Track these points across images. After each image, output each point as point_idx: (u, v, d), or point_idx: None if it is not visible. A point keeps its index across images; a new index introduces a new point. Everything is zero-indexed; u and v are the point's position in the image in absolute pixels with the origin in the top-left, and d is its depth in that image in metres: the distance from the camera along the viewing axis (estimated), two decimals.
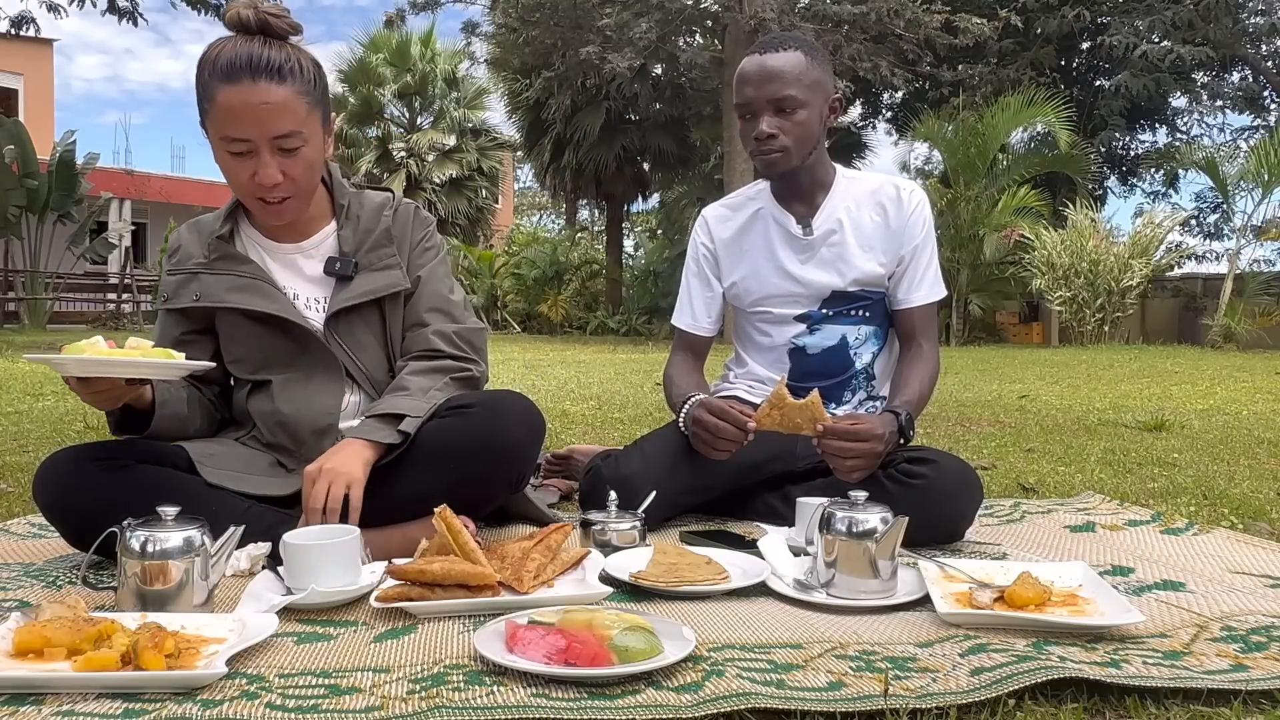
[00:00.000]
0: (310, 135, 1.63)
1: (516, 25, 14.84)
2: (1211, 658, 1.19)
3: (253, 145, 1.58)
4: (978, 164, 13.97)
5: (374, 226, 1.82)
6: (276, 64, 1.57)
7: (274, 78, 1.57)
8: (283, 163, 1.61)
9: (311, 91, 1.63)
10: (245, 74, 1.55)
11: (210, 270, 1.76)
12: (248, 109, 1.56)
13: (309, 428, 1.75)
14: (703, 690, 1.07)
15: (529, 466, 1.82)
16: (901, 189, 2.08)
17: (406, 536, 1.67)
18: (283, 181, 1.61)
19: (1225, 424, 4.14)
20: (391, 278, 1.81)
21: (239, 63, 1.56)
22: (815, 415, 1.76)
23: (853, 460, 1.77)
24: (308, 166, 1.65)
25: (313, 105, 1.63)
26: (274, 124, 1.57)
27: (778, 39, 1.99)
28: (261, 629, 1.22)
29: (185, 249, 1.81)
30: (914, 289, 2.06)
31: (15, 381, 5.78)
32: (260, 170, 1.59)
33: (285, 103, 1.58)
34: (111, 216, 17.95)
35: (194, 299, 1.76)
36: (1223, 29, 16.50)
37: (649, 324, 17.08)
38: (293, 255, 1.81)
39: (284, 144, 1.59)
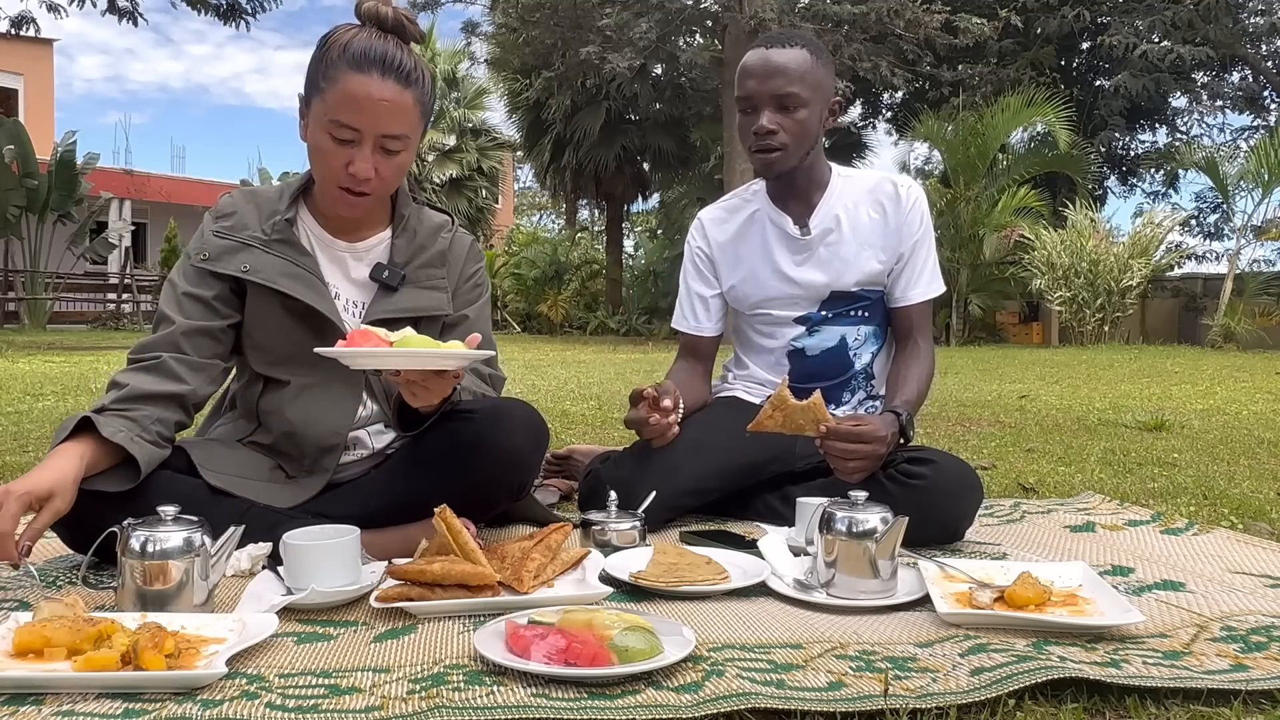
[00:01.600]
0: (411, 144, 1.64)
1: (516, 25, 14.85)
2: (1211, 658, 1.19)
3: (360, 136, 1.57)
4: (978, 164, 13.98)
5: (429, 245, 1.80)
6: (406, 68, 1.59)
7: (401, 80, 1.58)
8: (379, 161, 1.60)
9: (425, 102, 1.64)
10: (376, 67, 1.56)
11: (267, 249, 1.70)
12: (369, 101, 1.55)
13: (315, 444, 1.72)
14: (703, 690, 1.07)
15: (531, 474, 1.80)
16: (900, 185, 2.08)
17: (406, 537, 1.67)
18: (374, 179, 1.60)
19: (1225, 424, 4.14)
20: (436, 299, 1.78)
21: (373, 54, 1.56)
22: (818, 416, 1.76)
23: (855, 461, 1.77)
24: (399, 170, 1.65)
25: (423, 116, 1.65)
26: (389, 123, 1.57)
27: (784, 35, 1.97)
28: (261, 629, 1.22)
29: (241, 217, 1.73)
30: (912, 285, 2.06)
31: (15, 381, 5.78)
32: (358, 162, 1.58)
33: (405, 107, 1.59)
34: (111, 216, 17.96)
35: (243, 269, 1.68)
36: (1223, 29, 16.51)
37: (649, 324, 17.09)
38: (343, 254, 1.76)
39: (389, 145, 1.60)
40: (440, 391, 1.53)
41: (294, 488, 1.72)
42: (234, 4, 11.96)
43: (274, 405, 1.74)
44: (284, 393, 1.73)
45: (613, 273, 19.72)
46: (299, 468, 1.74)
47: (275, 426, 1.73)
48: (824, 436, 1.76)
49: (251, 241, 1.71)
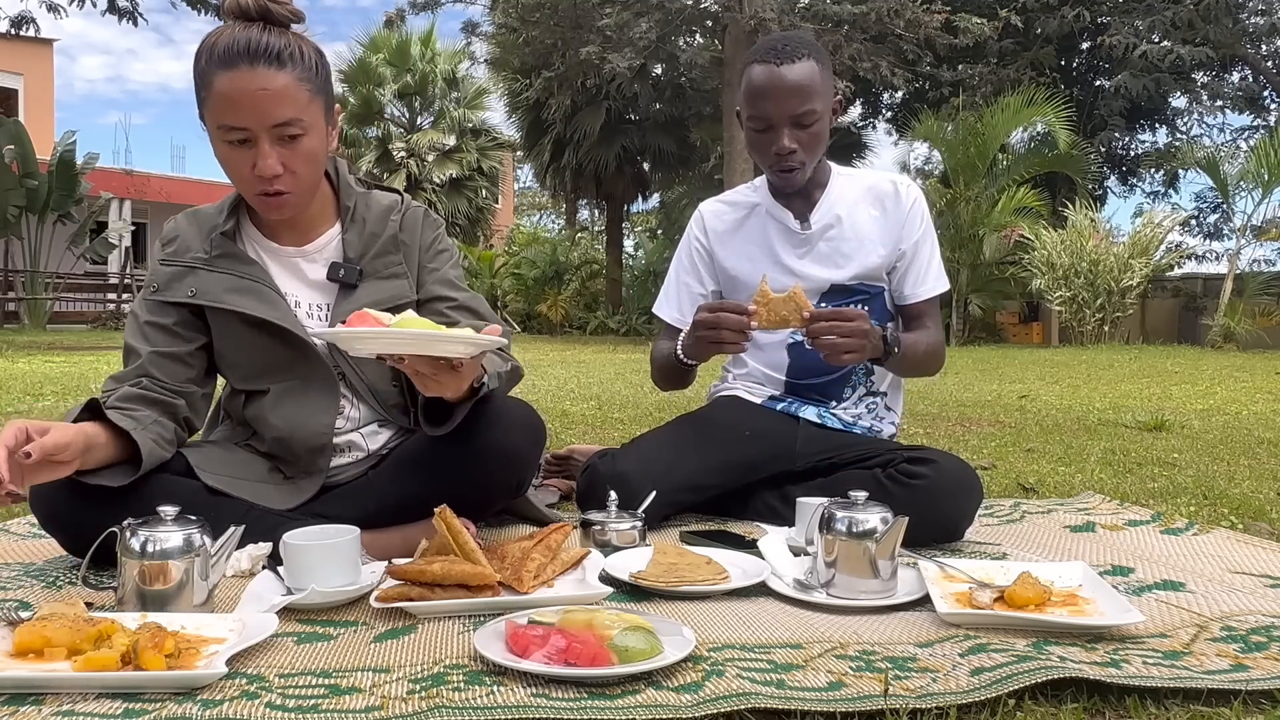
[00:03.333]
0: (311, 125, 1.56)
1: (516, 25, 14.84)
2: (1211, 658, 1.19)
3: (251, 134, 1.52)
4: (978, 164, 13.98)
5: (381, 231, 1.74)
6: (275, 50, 1.51)
7: (273, 63, 1.50)
8: (283, 153, 1.54)
9: (313, 79, 1.56)
10: (243, 59, 1.49)
11: (210, 267, 1.68)
12: (245, 96, 1.49)
13: (303, 445, 1.71)
14: (703, 690, 1.07)
15: (529, 473, 1.80)
16: (899, 184, 2.09)
17: (406, 537, 1.67)
18: (283, 173, 1.55)
19: (1225, 424, 4.14)
20: (398, 288, 1.74)
21: (236, 48, 1.50)
22: (799, 304, 1.75)
23: (844, 339, 1.75)
24: (309, 158, 1.58)
25: (314, 93, 1.56)
26: (273, 111, 1.50)
27: (788, 46, 1.93)
28: (261, 629, 1.22)
29: (183, 240, 1.71)
30: (919, 284, 2.07)
31: (15, 381, 5.78)
32: (259, 161, 1.52)
33: (284, 89, 1.51)
34: (111, 216, 17.95)
35: (190, 294, 1.67)
36: (1223, 29, 16.50)
37: (649, 324, 17.06)
38: (295, 259, 1.73)
39: (284, 132, 1.52)
40: (453, 384, 1.46)
41: (291, 489, 1.72)
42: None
43: (258, 413, 1.73)
44: (264, 401, 1.72)
45: (613, 273, 19.71)
46: (295, 469, 1.74)
47: (265, 433, 1.74)
48: (808, 323, 1.75)
49: (195, 263, 1.69)
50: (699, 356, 1.94)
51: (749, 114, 1.96)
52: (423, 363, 1.41)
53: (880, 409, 2.13)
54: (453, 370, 1.43)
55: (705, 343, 1.85)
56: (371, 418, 1.78)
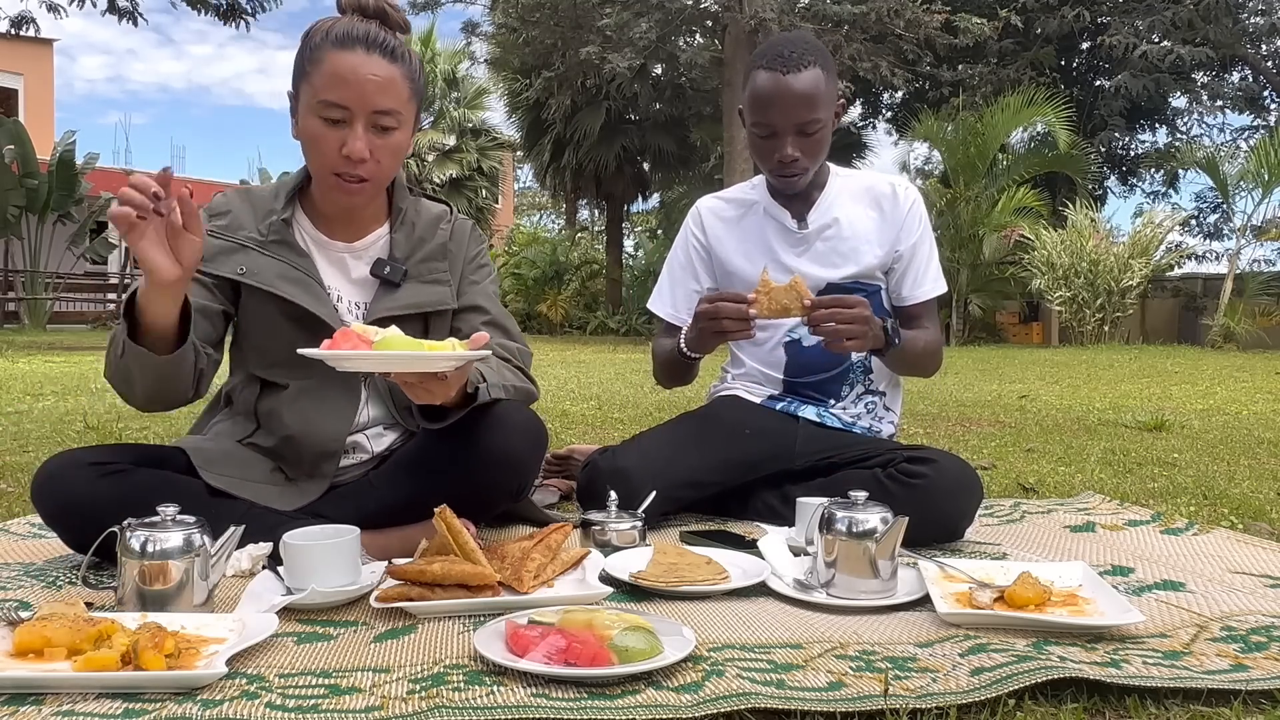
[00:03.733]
0: (404, 123, 1.61)
1: (516, 25, 14.84)
2: (1211, 658, 1.19)
3: (349, 115, 1.56)
4: (978, 164, 13.98)
5: (429, 237, 1.77)
6: (390, 45, 1.58)
7: (386, 55, 1.57)
8: (373, 141, 1.58)
9: (415, 82, 1.63)
10: (360, 44, 1.55)
11: (263, 251, 1.68)
12: (355, 76, 1.54)
13: (312, 449, 1.70)
14: (703, 690, 1.07)
15: (530, 478, 1.80)
16: (896, 185, 2.10)
17: (406, 537, 1.67)
18: (368, 160, 1.58)
19: (1225, 424, 4.14)
20: (440, 294, 1.76)
21: (355, 34, 1.56)
22: (800, 294, 1.75)
23: (845, 325, 1.74)
24: (394, 153, 1.62)
25: (413, 95, 1.62)
26: (377, 98, 1.56)
27: (794, 53, 1.90)
28: (261, 629, 1.22)
29: (236, 217, 1.71)
30: (917, 285, 2.08)
31: (15, 381, 5.78)
32: (350, 142, 1.56)
33: (392, 80, 1.57)
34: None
35: (239, 271, 1.66)
36: (1223, 29, 16.51)
37: (649, 324, 17.06)
38: (342, 254, 1.74)
39: (380, 121, 1.57)
40: (441, 392, 1.48)
41: (294, 491, 1.71)
42: (234, 4, 11.97)
43: (272, 408, 1.72)
44: (282, 396, 1.71)
45: (613, 273, 19.71)
46: (299, 471, 1.73)
47: (275, 430, 1.72)
48: (809, 311, 1.75)
49: (248, 243, 1.69)
50: (703, 348, 1.94)
51: (752, 120, 1.95)
52: (410, 374, 1.44)
53: (879, 408, 2.13)
54: (440, 380, 1.45)
55: (709, 334, 1.85)
56: (381, 419, 1.78)
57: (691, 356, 1.99)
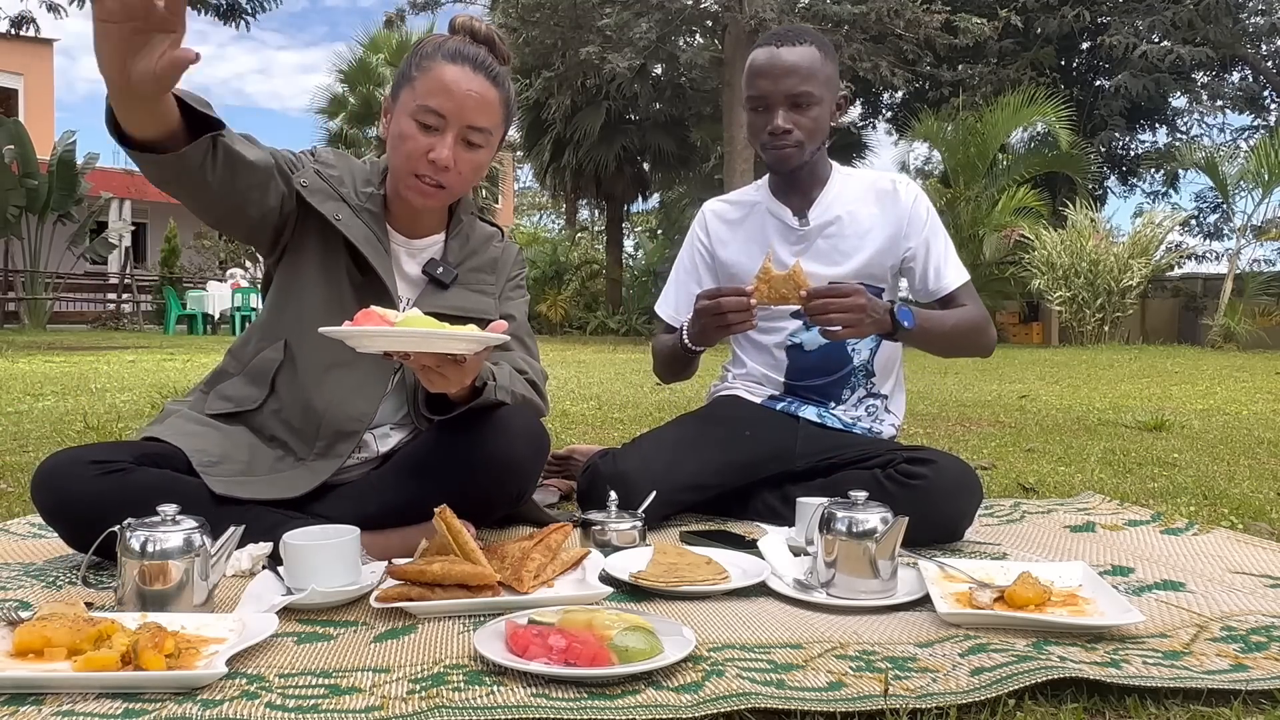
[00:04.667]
0: (490, 144, 1.69)
1: (516, 25, 14.83)
2: (1211, 658, 1.19)
3: (444, 124, 1.63)
4: (978, 164, 13.99)
5: (481, 251, 1.86)
6: (496, 71, 1.67)
7: (490, 79, 1.66)
8: (459, 153, 1.65)
9: (509, 110, 1.72)
10: (469, 62, 1.64)
11: (357, 213, 1.73)
12: (458, 89, 1.62)
13: (333, 427, 1.71)
14: (703, 690, 1.07)
15: (531, 482, 1.79)
16: (898, 183, 2.09)
17: (406, 538, 1.67)
18: (450, 170, 1.65)
19: (1225, 424, 4.14)
20: (484, 303, 1.82)
21: (466, 53, 1.65)
22: (799, 283, 1.77)
23: (839, 314, 1.74)
24: (475, 169, 1.69)
25: (503, 121, 1.71)
26: (474, 114, 1.64)
27: (791, 32, 1.97)
28: (261, 629, 1.22)
29: (340, 174, 1.75)
30: (940, 278, 2.06)
31: (15, 381, 5.78)
32: (439, 149, 1.63)
33: (491, 102, 1.66)
34: (111, 216, 17.96)
35: (336, 217, 1.70)
36: (1223, 29, 16.51)
37: (649, 324, 17.06)
38: (399, 248, 1.80)
39: (472, 137, 1.65)
40: (457, 378, 1.49)
41: (302, 474, 1.69)
42: (234, 4, 11.97)
43: (295, 379, 1.72)
44: (309, 367, 1.71)
45: (613, 273, 19.70)
46: (310, 450, 1.72)
47: (294, 400, 1.71)
48: (805, 300, 1.75)
49: (348, 198, 1.74)
50: (706, 342, 1.94)
51: (747, 94, 1.98)
52: (428, 357, 1.45)
53: (880, 410, 2.13)
54: (457, 365, 1.47)
55: (711, 328, 1.86)
56: (387, 419, 1.79)
57: (694, 350, 1.99)
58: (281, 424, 1.73)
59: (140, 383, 5.84)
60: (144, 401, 4.65)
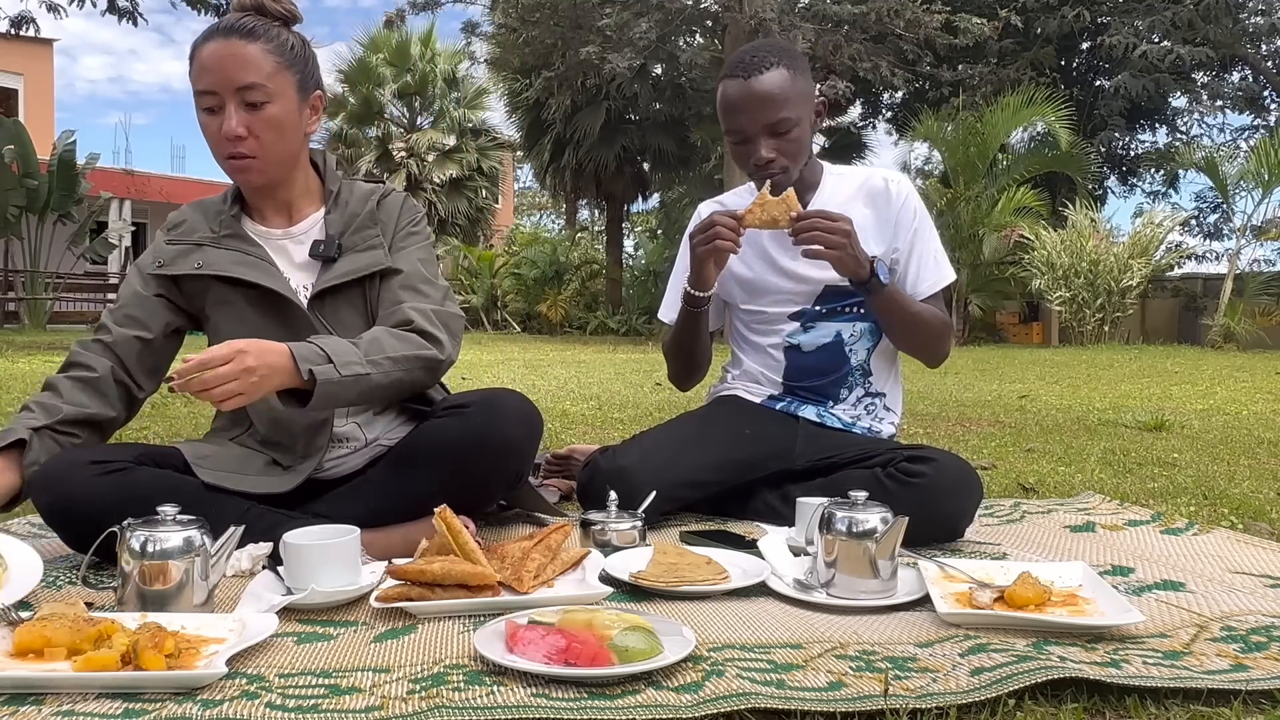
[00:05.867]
0: (277, 94, 1.66)
1: (516, 25, 14.83)
2: (1211, 658, 1.19)
3: (220, 99, 1.64)
4: (978, 164, 13.98)
5: (360, 210, 1.82)
6: (248, 26, 1.66)
7: (244, 36, 1.65)
8: (247, 119, 1.65)
9: (283, 53, 1.68)
10: (218, 34, 1.66)
11: (218, 245, 1.76)
12: (214, 60, 1.64)
13: (302, 422, 1.73)
14: (703, 690, 1.07)
15: (526, 464, 1.82)
16: (890, 180, 2.07)
17: (406, 537, 1.67)
18: (247, 137, 1.65)
19: (1225, 424, 4.14)
20: (374, 257, 1.79)
21: (217, 26, 1.68)
22: (790, 206, 1.83)
23: (823, 234, 1.79)
24: (273, 126, 1.67)
25: (282, 65, 1.67)
26: (236, 74, 1.63)
27: (755, 57, 1.92)
28: (261, 629, 1.22)
29: (190, 224, 1.80)
30: (921, 279, 2.05)
31: (15, 381, 5.78)
32: (225, 123, 1.64)
33: (249, 56, 1.64)
34: (111, 216, 17.94)
35: (196, 266, 1.75)
36: (1223, 29, 16.51)
37: (649, 324, 17.06)
38: (282, 241, 1.80)
39: (247, 97, 1.64)
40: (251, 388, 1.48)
41: (292, 476, 1.73)
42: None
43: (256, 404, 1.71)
44: None
45: (613, 273, 19.70)
46: (293, 455, 1.75)
47: (263, 417, 1.75)
48: (794, 220, 1.80)
49: (203, 241, 1.77)
50: (703, 276, 1.95)
51: (725, 128, 1.97)
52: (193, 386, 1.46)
53: (879, 409, 2.13)
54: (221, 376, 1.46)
55: (704, 257, 1.90)
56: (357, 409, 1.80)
57: (698, 297, 1.98)
58: (261, 443, 1.77)
59: None
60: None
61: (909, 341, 2.08)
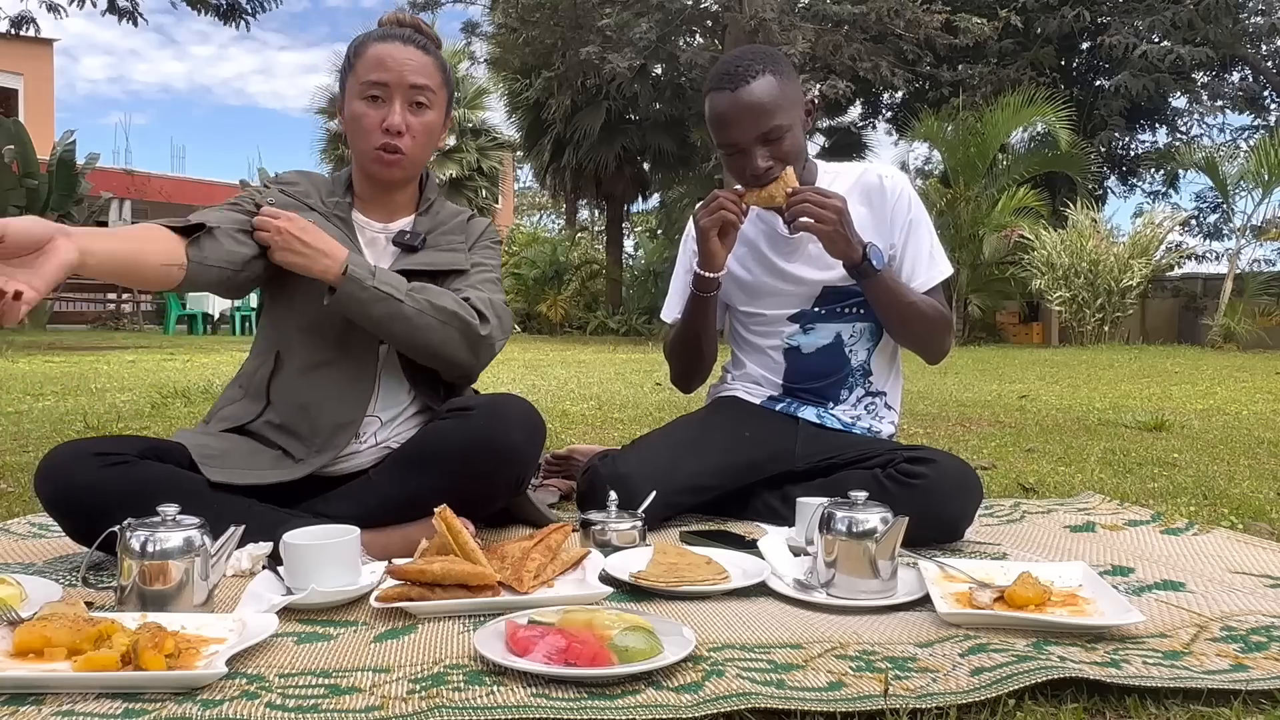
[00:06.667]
0: (436, 104, 1.80)
1: (516, 25, 14.84)
2: (1211, 658, 1.19)
3: (388, 92, 1.75)
4: (978, 164, 13.98)
5: (449, 221, 1.93)
6: (424, 42, 1.81)
7: (420, 48, 1.79)
8: (409, 118, 1.76)
9: (445, 72, 1.83)
10: (398, 37, 1.78)
11: (328, 220, 1.82)
12: (393, 58, 1.75)
13: (331, 419, 1.75)
14: (703, 690, 1.07)
15: (529, 469, 1.82)
16: (884, 177, 2.05)
17: (406, 537, 1.67)
18: (405, 134, 1.76)
19: (1225, 424, 4.14)
20: (454, 258, 1.87)
21: (393, 31, 1.80)
22: (787, 183, 1.87)
23: (814, 208, 1.81)
24: (428, 130, 1.80)
25: (443, 82, 1.82)
26: (412, 76, 1.76)
27: (740, 67, 1.90)
28: (261, 629, 1.22)
29: (304, 188, 1.87)
30: (916, 274, 2.03)
31: (15, 381, 5.78)
32: (390, 116, 1.75)
33: (425, 64, 1.78)
34: (111, 216, 17.96)
35: None
36: (1223, 29, 16.50)
37: (649, 324, 17.07)
38: (376, 234, 1.87)
39: (415, 97, 1.76)
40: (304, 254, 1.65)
41: (301, 466, 1.73)
42: (234, 4, 11.95)
43: (286, 382, 1.78)
44: (298, 369, 1.77)
45: (613, 273, 19.70)
46: (308, 448, 1.75)
47: (288, 400, 1.77)
48: (789, 196, 1.83)
49: (315, 208, 1.83)
50: (710, 254, 1.95)
51: (718, 142, 1.95)
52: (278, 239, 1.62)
53: (880, 408, 2.13)
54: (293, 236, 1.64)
55: (709, 229, 1.90)
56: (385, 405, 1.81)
57: (708, 279, 1.98)
58: (278, 430, 1.77)
59: (140, 383, 5.84)
60: (144, 401, 4.65)
61: (907, 333, 2.06)
